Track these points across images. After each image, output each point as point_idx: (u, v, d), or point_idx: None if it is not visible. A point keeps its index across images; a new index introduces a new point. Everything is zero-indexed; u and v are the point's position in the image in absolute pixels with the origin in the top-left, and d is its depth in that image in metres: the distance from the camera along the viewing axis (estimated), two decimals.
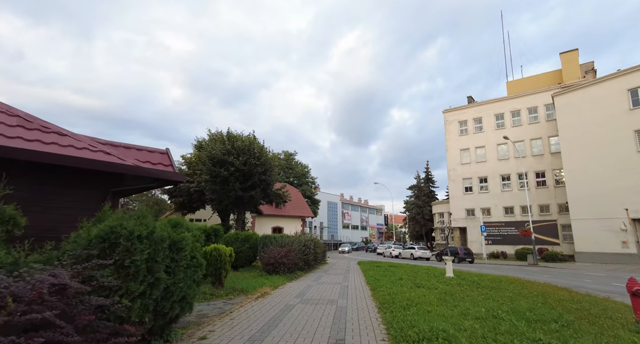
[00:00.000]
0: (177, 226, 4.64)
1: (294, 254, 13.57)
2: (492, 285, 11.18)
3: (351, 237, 78.64)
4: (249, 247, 16.14)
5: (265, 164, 17.70)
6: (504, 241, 38.53)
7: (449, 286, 10.95)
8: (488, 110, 42.16)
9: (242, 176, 17.07)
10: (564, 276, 18.20)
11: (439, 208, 48.88)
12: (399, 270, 17.03)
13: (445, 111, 45.79)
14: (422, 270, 17.50)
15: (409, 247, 38.76)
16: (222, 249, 9.09)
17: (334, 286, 10.96)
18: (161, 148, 6.44)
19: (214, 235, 11.05)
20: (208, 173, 17.34)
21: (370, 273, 15.55)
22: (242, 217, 19.70)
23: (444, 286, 10.64)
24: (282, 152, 58.32)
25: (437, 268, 21.04)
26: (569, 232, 35.06)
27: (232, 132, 18.18)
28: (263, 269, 13.09)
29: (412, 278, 13.23)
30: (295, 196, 45.00)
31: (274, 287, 10.20)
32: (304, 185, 55.42)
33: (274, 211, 39.18)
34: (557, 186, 36.43)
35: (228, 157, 16.77)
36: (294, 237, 15.72)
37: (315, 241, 18.24)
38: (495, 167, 40.53)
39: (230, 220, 29.11)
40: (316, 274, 15.63)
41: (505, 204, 39.27)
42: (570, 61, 38.71)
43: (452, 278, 13.86)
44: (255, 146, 17.81)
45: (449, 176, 44.33)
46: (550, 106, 37.63)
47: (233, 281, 10.89)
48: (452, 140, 44.56)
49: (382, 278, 13.01)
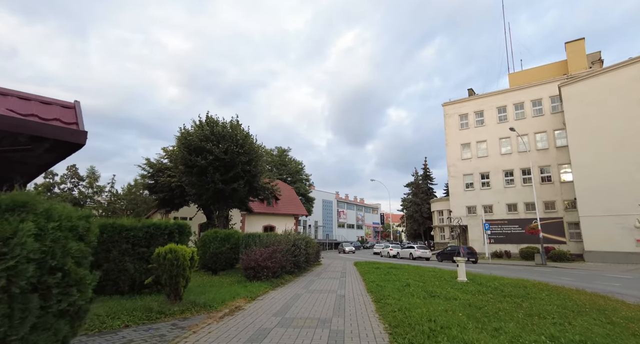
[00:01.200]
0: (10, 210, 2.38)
1: (281, 256, 11.41)
2: (520, 293, 9.13)
3: (347, 237, 76.60)
4: (230, 247, 13.96)
5: (250, 153, 15.48)
6: (507, 239, 36.69)
7: (468, 294, 8.87)
8: (490, 103, 40.29)
9: (222, 166, 14.84)
10: (585, 278, 16.25)
11: (438, 206, 46.97)
12: (402, 273, 14.95)
13: (445, 104, 43.86)
14: (428, 272, 15.44)
15: (408, 247, 36.78)
16: (180, 250, 6.90)
17: (328, 296, 8.81)
18: (68, 101, 4.30)
19: (177, 232, 8.83)
20: (183, 162, 15.10)
21: (370, 276, 13.44)
22: (224, 214, 17.44)
23: (464, 295, 8.55)
24: (275, 148, 56.14)
25: (443, 269, 18.98)
26: (576, 230, 33.30)
27: (213, 117, 15.95)
28: (243, 274, 10.91)
29: (420, 283, 11.14)
30: (288, 194, 42.82)
31: (250, 299, 8.03)
32: (297, 182, 53.21)
33: (265, 209, 36.98)
34: (563, 181, 34.63)
35: (206, 144, 14.53)
36: (281, 236, 13.56)
37: (307, 240, 16.10)
38: (498, 162, 38.67)
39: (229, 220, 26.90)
40: (307, 278, 13.49)
41: (509, 200, 37.43)
42: (576, 51, 36.93)
43: (467, 282, 11.80)
44: (239, 132, 15.55)
45: (449, 172, 42.42)
46: (556, 98, 35.84)
47: (199, 290, 8.72)
48: (452, 134, 42.64)
49: (385, 283, 10.90)
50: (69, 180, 57.68)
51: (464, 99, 42.73)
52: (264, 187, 18.56)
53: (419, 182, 53.01)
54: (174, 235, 8.82)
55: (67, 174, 57.37)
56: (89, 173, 59.11)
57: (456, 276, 13.75)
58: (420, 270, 16.96)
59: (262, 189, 18.78)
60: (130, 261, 8.02)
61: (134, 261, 8.06)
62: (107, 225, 7.94)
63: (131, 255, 8.07)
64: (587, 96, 29.93)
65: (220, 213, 17.24)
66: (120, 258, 7.92)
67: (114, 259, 7.83)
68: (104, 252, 7.72)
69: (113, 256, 7.84)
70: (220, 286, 9.92)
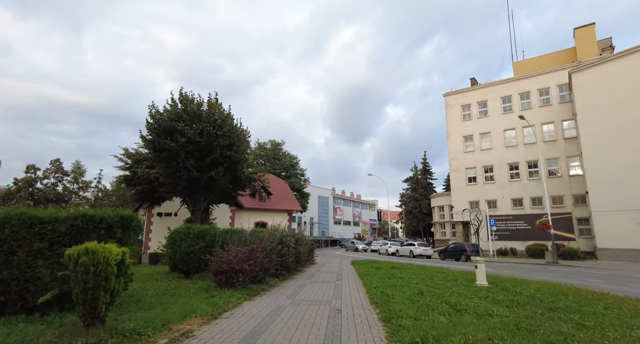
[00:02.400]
0: None
1: (262, 256, 9.25)
2: (567, 304, 7.07)
3: (343, 234, 74.62)
4: (205, 246, 11.77)
5: (231, 136, 13.24)
6: (512, 236, 34.81)
7: (502, 307, 6.79)
8: (494, 92, 38.26)
9: (197, 151, 12.63)
10: (612, 280, 14.27)
11: (438, 201, 45.00)
12: (408, 274, 12.86)
13: (447, 94, 41.80)
14: (437, 274, 13.36)
15: (408, 244, 34.78)
16: (102, 252, 4.70)
17: (319, 312, 6.67)
18: None
19: (119, 227, 6.65)
20: (151, 146, 12.87)
21: (371, 279, 11.33)
22: (201, 207, 15.22)
23: (499, 309, 6.46)
24: (269, 142, 53.85)
25: (451, 269, 16.94)
26: (585, 226, 31.50)
27: (187, 94, 13.63)
28: (213, 279, 8.73)
29: (433, 289, 9.05)
30: (282, 188, 40.64)
31: (210, 317, 5.86)
32: (292, 177, 51.00)
33: (256, 204, 34.79)
34: (572, 175, 32.74)
35: (177, 124, 12.30)
36: (265, 232, 11.40)
37: (297, 238, 13.98)
38: (502, 155, 36.72)
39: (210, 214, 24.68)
40: (297, 281, 11.36)
41: (514, 195, 35.52)
42: (586, 37, 34.94)
43: (488, 287, 9.74)
44: (217, 110, 13.31)
45: (450, 166, 40.41)
46: (564, 87, 33.90)
47: (149, 302, 6.56)
48: (454, 126, 40.60)
49: (391, 290, 8.78)
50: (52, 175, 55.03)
51: (467, 89, 40.68)
52: (249, 177, 16.34)
53: (418, 177, 51.01)
54: (114, 230, 6.62)
55: (50, 169, 54.77)
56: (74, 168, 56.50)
57: (471, 278, 11.69)
58: (426, 271, 14.89)
59: (248, 179, 16.57)
60: (46, 265, 5.83)
61: (51, 265, 5.87)
62: (12, 217, 5.73)
63: (47, 257, 5.88)
64: (599, 82, 27.98)
65: (197, 206, 15.01)
66: (30, 261, 5.72)
67: (19, 263, 5.62)
68: (3, 255, 5.52)
69: (18, 260, 5.64)
70: (181, 295, 7.77)
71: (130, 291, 8.97)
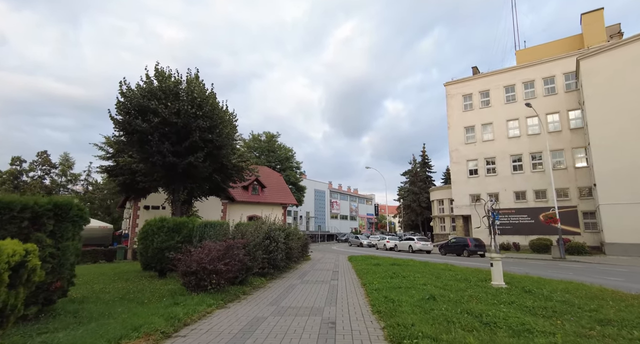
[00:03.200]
0: None
1: (243, 254, 7.79)
2: (605, 311, 5.73)
3: (340, 228, 73.44)
4: (182, 241, 10.30)
5: (213, 118, 11.65)
6: (514, 230, 33.61)
7: (537, 317, 5.40)
8: (497, 81, 36.79)
9: (174, 133, 11.08)
10: (636, 278, 12.99)
11: (438, 194, 43.74)
12: (411, 273, 11.47)
13: (448, 83, 40.27)
14: (444, 272, 11.99)
15: (407, 238, 33.52)
16: None
17: (307, 325, 5.23)
18: None
19: (51, 217, 5.17)
20: (121, 127, 11.29)
21: (371, 279, 9.93)
22: (180, 197, 13.68)
23: (536, 321, 5.06)
24: (264, 134, 52.18)
25: (456, 265, 15.61)
26: (591, 220, 30.34)
27: (163, 69, 12.00)
28: (181, 282, 7.26)
29: (446, 291, 7.66)
30: (277, 181, 39.18)
31: (161, 336, 4.39)
32: (287, 170, 49.47)
33: (249, 197, 33.35)
34: (577, 167, 31.50)
35: (150, 102, 10.73)
36: (249, 225, 9.94)
37: (288, 231, 12.55)
38: (505, 146, 35.38)
39: (192, 206, 23.25)
40: (286, 282, 9.94)
41: (517, 188, 34.26)
42: (593, 23, 33.46)
43: (507, 289, 8.37)
44: (196, 87, 11.70)
45: (451, 158, 39.05)
46: (571, 75, 32.50)
47: (85, 314, 5.10)
48: (455, 116, 39.15)
49: (395, 293, 7.37)
50: (39, 167, 53.04)
51: (468, 78, 39.17)
52: (237, 166, 14.81)
53: (417, 170, 49.65)
54: (43, 221, 5.12)
55: (37, 161, 52.75)
56: (62, 160, 54.46)
57: (484, 277, 10.33)
58: (431, 268, 13.53)
59: (236, 169, 15.05)
60: None
61: None
62: None
63: None
64: (609, 69, 26.59)
65: (175, 196, 13.48)
66: None
67: None
68: None
69: None
70: (140, 302, 6.31)
71: (86, 294, 7.51)
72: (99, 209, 50.54)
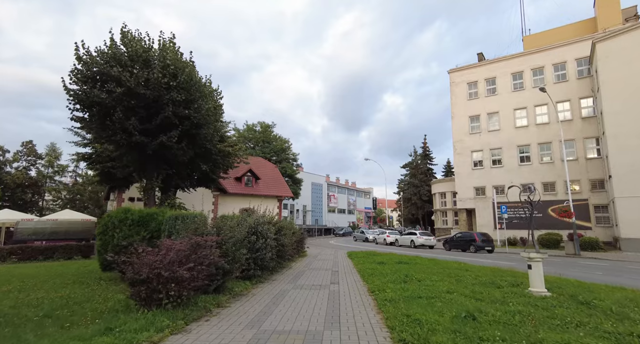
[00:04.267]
0: None
1: (216, 255, 5.95)
2: None
3: (337, 222, 71.82)
4: (149, 237, 8.45)
5: (190, 90, 9.67)
6: (521, 224, 32.00)
7: None
8: (504, 68, 34.89)
9: (142, 107, 9.09)
10: None
11: (440, 187, 42.04)
12: (425, 274, 9.71)
13: (452, 70, 38.30)
14: (462, 273, 10.22)
15: (409, 233, 31.82)
16: None
17: None
18: None
19: None
20: (76, 99, 9.27)
21: (379, 284, 8.14)
22: (153, 185, 11.70)
23: None
24: (258, 124, 50.09)
25: (468, 263, 13.91)
26: (604, 214, 28.78)
27: (131, 32, 9.96)
28: (129, 295, 5.39)
29: (481, 304, 5.90)
30: (272, 172, 37.29)
31: None
32: (283, 162, 47.46)
33: (242, 189, 31.49)
34: (589, 158, 29.84)
35: (112, 68, 8.73)
36: (228, 218, 8.07)
37: (280, 226, 10.74)
38: (512, 136, 33.61)
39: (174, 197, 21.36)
40: (274, 288, 8.14)
41: (524, 180, 32.56)
42: (608, 5, 31.53)
43: (555, 298, 6.62)
44: (169, 53, 9.71)
45: (454, 149, 37.27)
46: (583, 61, 30.65)
47: None
48: (459, 105, 37.27)
49: (417, 307, 5.58)
50: (24, 158, 50.70)
51: (473, 65, 37.21)
52: (222, 151, 12.89)
53: (417, 162, 47.87)
54: None
55: (21, 151, 50.39)
56: (48, 150, 51.98)
57: (514, 281, 8.58)
58: (444, 267, 11.78)
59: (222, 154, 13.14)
60: None
61: None
62: None
63: None
64: (627, 52, 24.78)
65: (147, 184, 11.56)
66: None
67: None
68: None
69: None
70: (61, 326, 4.48)
71: (7, 307, 5.67)
72: (89, 202, 48.22)
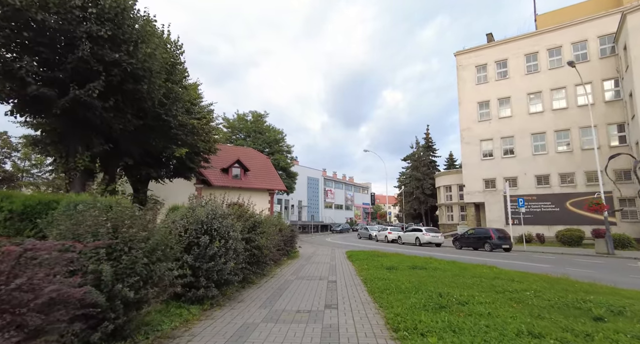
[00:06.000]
0: None
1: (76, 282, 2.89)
2: None
3: (334, 218, 68.87)
4: (38, 234, 5.33)
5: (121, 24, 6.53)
6: (535, 219, 29.17)
7: None
8: (516, 49, 31.87)
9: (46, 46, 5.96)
10: None
11: (444, 180, 39.13)
12: (461, 289, 6.71)
13: (458, 52, 35.24)
14: (509, 285, 7.22)
15: (413, 229, 28.89)
16: None
17: None
18: None
19: None
20: None
21: (402, 309, 5.11)
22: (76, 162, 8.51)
23: None
24: (250, 113, 46.83)
25: (497, 266, 10.92)
26: (630, 207, 26.00)
27: None
28: None
29: None
30: (262, 164, 34.17)
31: None
32: (276, 154, 44.31)
33: (229, 181, 28.37)
34: (612, 146, 27.00)
35: None
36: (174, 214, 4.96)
37: (254, 222, 7.69)
38: (525, 123, 30.70)
39: (114, 184, 18.20)
40: (230, 323, 5.10)
41: (538, 171, 29.74)
42: None
43: None
44: None
45: (461, 138, 34.31)
46: (607, 38, 27.70)
47: None
48: (467, 90, 34.27)
49: None
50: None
51: (482, 46, 34.16)
52: (184, 124, 9.77)
53: (420, 153, 44.86)
54: None
55: None
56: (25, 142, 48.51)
57: (603, 300, 5.59)
58: (475, 275, 8.79)
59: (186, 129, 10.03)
60: None
61: None
62: None
63: None
64: None
65: (69, 160, 8.34)
66: None
67: None
68: None
69: None
70: None
71: None
72: None
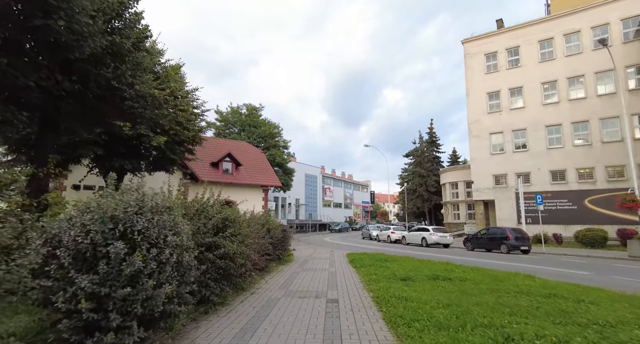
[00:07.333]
0: None
1: None
2: None
3: (333, 217, 66.70)
4: None
5: None
6: (550, 218, 26.96)
7: None
8: (529, 35, 29.66)
9: None
10: None
11: (450, 176, 36.94)
12: (516, 318, 4.50)
13: (466, 40, 33.00)
14: (571, 306, 4.99)
15: (419, 229, 26.71)
16: None
17: None
18: None
19: None
20: None
21: None
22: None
23: None
24: (244, 106, 44.49)
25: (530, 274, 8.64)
26: None
27: None
28: None
29: None
30: (256, 158, 31.91)
31: None
32: (272, 149, 42.03)
33: (220, 177, 26.09)
34: (637, 138, 24.86)
35: None
36: None
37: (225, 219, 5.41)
38: (539, 115, 28.52)
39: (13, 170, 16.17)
40: None
41: (554, 166, 27.58)
42: None
43: None
44: None
45: (470, 131, 32.11)
46: (631, 21, 25.52)
47: None
48: (475, 80, 32.05)
49: None
50: None
51: (492, 33, 31.92)
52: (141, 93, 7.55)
53: (423, 149, 42.65)
54: None
55: None
56: None
57: None
58: (515, 286, 6.59)
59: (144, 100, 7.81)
60: None
61: None
62: None
63: None
64: None
65: None
66: None
67: None
68: None
69: None
70: None
71: None
72: None
